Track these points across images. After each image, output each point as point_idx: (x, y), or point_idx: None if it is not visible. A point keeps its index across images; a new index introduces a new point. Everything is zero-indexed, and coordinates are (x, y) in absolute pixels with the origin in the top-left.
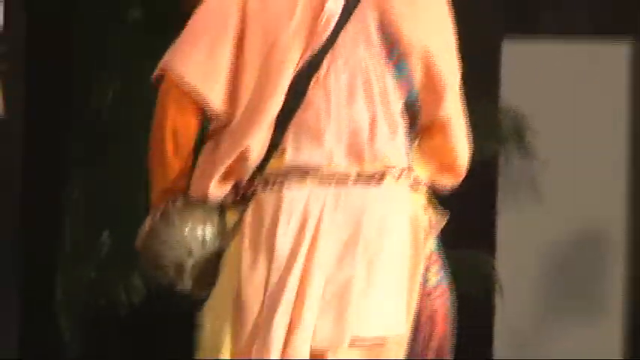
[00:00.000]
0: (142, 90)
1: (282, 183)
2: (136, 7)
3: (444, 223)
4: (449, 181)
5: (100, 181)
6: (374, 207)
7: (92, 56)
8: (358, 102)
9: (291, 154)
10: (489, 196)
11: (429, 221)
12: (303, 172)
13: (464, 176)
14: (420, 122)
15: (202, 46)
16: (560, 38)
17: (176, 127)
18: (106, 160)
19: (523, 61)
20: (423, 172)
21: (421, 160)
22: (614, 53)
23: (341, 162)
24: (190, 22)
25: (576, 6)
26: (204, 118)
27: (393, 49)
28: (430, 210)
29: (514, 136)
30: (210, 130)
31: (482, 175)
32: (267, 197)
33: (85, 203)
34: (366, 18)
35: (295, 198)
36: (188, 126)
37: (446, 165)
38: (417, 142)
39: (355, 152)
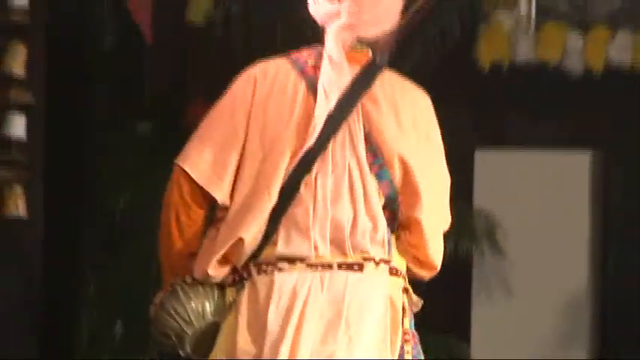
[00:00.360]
0: (149, 196)
1: (273, 268)
2: (143, 121)
3: (420, 305)
4: (423, 274)
5: (112, 277)
6: (355, 289)
7: (105, 165)
8: (342, 202)
9: (282, 245)
10: (465, 289)
11: (406, 302)
12: (291, 260)
13: (437, 271)
14: (399, 218)
15: (212, 148)
16: (527, 148)
17: (179, 213)
18: (118, 259)
19: (494, 169)
20: (402, 262)
21: (399, 251)
22: (576, 162)
23: (325, 253)
24: (204, 123)
25: (542, 120)
26: (209, 206)
27: (377, 157)
28: (408, 293)
29: (486, 235)
30: (214, 218)
31: (458, 269)
32: (260, 279)
33: (100, 297)
34: (354, 128)
35: (285, 281)
36: (189, 213)
37: (420, 260)
38: (396, 235)
39: (337, 245)
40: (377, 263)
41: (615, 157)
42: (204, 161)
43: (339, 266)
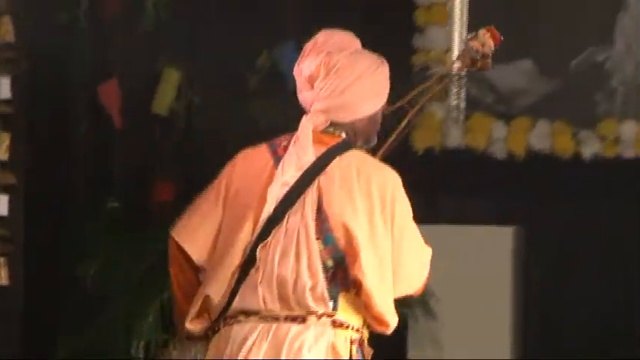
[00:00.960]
0: (118, 266)
1: (234, 320)
2: (112, 200)
3: (370, 354)
4: (381, 329)
5: (86, 344)
6: (295, 337)
7: (77, 238)
8: (288, 263)
9: (238, 301)
10: (400, 349)
11: (355, 352)
12: (247, 313)
13: (390, 329)
14: (350, 277)
15: (197, 218)
16: (457, 224)
17: (176, 274)
18: (91, 324)
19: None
20: (357, 317)
21: (358, 308)
22: (500, 237)
23: (274, 307)
24: (196, 201)
25: (470, 199)
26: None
27: (324, 225)
28: (363, 344)
29: (420, 303)
30: (202, 281)
31: (395, 332)
32: (225, 330)
33: (74, 353)
34: (308, 200)
35: (239, 330)
36: (184, 273)
37: (374, 316)
38: (352, 293)
39: (284, 300)
40: (319, 317)
41: (535, 232)
42: (189, 232)
43: (285, 319)
